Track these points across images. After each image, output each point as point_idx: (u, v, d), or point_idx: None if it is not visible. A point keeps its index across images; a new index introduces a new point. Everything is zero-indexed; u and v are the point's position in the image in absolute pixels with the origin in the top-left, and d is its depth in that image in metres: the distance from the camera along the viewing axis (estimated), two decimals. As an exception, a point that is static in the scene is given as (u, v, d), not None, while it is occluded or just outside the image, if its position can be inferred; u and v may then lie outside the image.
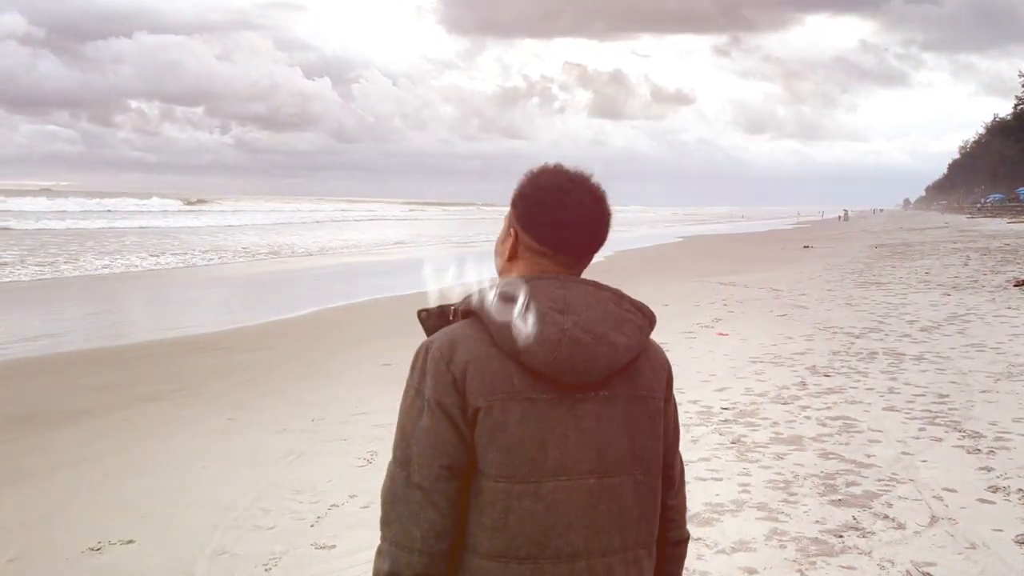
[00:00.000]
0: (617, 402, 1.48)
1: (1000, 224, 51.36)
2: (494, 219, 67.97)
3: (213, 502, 5.06)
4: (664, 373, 1.58)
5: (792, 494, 4.86)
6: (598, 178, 1.57)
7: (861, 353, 9.43)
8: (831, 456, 5.56)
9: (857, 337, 10.57)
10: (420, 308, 1.58)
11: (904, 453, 5.60)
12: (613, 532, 1.46)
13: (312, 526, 4.63)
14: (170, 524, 4.75)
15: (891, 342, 10.15)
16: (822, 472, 5.24)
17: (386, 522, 1.48)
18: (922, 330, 11.03)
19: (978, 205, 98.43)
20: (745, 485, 5.04)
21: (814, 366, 8.71)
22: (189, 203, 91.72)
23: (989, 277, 17.95)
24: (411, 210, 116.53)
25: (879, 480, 5.06)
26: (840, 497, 4.78)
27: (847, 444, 5.84)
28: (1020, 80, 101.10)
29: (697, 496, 4.84)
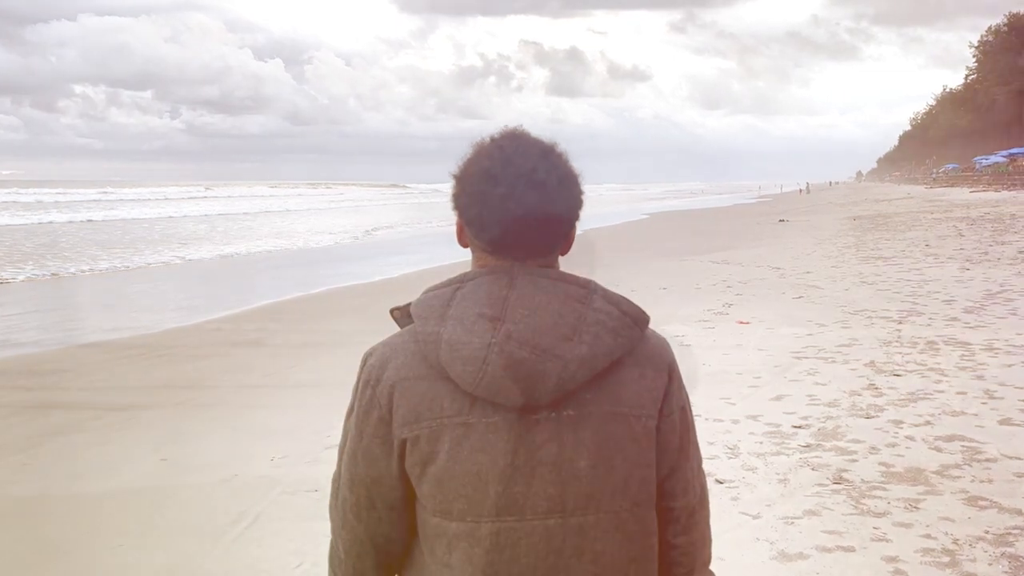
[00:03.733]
0: (589, 422, 1.17)
1: (963, 193, 50.93)
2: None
3: (128, 611, 3.48)
4: (660, 383, 1.23)
5: (968, 575, 3.42)
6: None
7: (917, 343, 8.07)
8: (983, 503, 4.12)
9: (899, 323, 9.23)
10: (392, 306, 1.29)
11: (1077, 495, 4.20)
12: None
13: (276, 659, 3.07)
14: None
15: (941, 327, 8.83)
16: (987, 532, 3.79)
17: (329, 517, 1.34)
18: (967, 311, 9.74)
19: (932, 175, 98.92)
20: (892, 559, 3.57)
21: (873, 362, 7.32)
22: (208, 188, 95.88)
23: (997, 248, 16.84)
24: (407, 192, 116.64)
25: (1076, 545, 3.64)
26: (1043, 580, 3.35)
27: (990, 482, 4.41)
28: (971, 52, 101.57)
29: (834, 582, 3.38)
